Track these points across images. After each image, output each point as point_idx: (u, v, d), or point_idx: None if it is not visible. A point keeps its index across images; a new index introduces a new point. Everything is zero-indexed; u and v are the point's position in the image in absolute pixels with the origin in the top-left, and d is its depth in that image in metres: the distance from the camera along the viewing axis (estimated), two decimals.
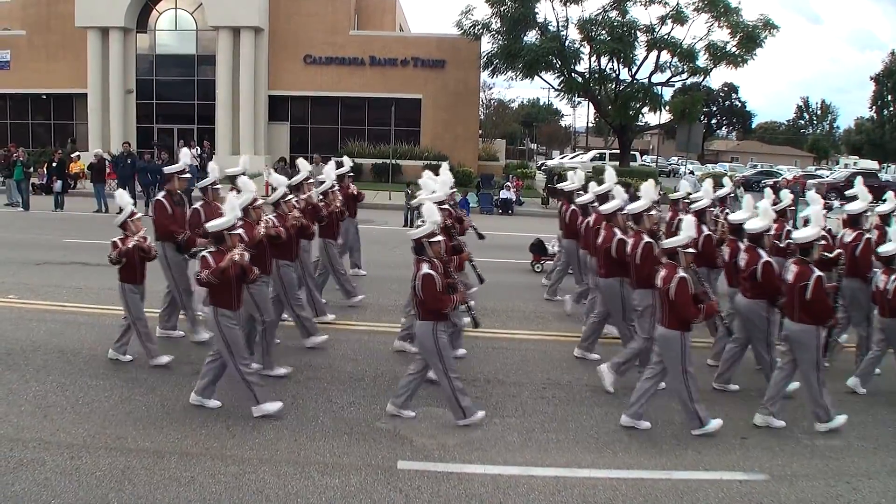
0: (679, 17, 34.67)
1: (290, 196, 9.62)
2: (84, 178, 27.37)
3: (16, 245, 16.04)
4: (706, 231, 9.84)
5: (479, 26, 35.27)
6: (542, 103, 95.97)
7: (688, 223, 7.27)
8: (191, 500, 5.70)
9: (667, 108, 38.72)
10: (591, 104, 43.31)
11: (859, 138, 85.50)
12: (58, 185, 23.40)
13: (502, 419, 7.51)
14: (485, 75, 39.40)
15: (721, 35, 34.86)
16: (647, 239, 8.22)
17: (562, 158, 59.07)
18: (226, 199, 8.52)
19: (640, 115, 39.01)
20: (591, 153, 53.16)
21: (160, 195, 9.77)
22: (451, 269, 7.50)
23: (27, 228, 18.98)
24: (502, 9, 34.56)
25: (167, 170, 10.11)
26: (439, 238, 7.38)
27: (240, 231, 7.36)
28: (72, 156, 27.11)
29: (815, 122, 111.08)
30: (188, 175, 10.19)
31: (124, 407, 7.37)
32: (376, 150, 35.09)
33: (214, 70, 36.17)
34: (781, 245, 9.52)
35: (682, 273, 6.96)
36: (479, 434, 7.11)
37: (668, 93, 40.19)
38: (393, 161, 31.46)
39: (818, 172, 55.91)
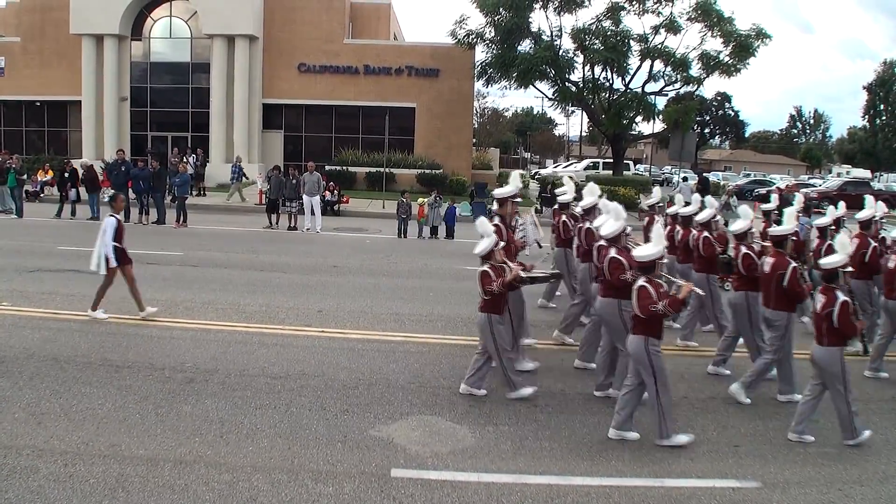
0: (672, 27, 34.87)
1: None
2: (53, 184, 27.33)
3: (9, 252, 16.00)
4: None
5: (474, 35, 35.37)
6: (535, 112, 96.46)
7: None
8: None
9: (660, 117, 38.89)
10: (584, 113, 43.43)
11: (852, 147, 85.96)
12: (72, 193, 23.32)
13: (496, 427, 7.52)
14: (479, 84, 39.55)
15: (714, 44, 35.13)
16: None
17: (555, 167, 59.20)
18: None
19: (634, 125, 39.16)
20: (585, 162, 53.38)
21: (496, 220, 9.26)
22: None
23: (21, 236, 18.94)
24: (496, 18, 34.69)
25: (497, 193, 9.75)
26: (850, 269, 7.55)
27: (667, 260, 7.39)
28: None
29: (807, 131, 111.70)
30: (520, 199, 9.87)
31: (118, 414, 7.36)
32: (370, 159, 35.17)
33: (209, 78, 36.22)
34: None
35: None
36: (472, 442, 7.13)
37: (661, 102, 40.39)
38: (387, 170, 31.51)
39: (811, 181, 56.20)
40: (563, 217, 11.79)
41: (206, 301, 12.17)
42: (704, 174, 36.22)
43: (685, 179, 41.25)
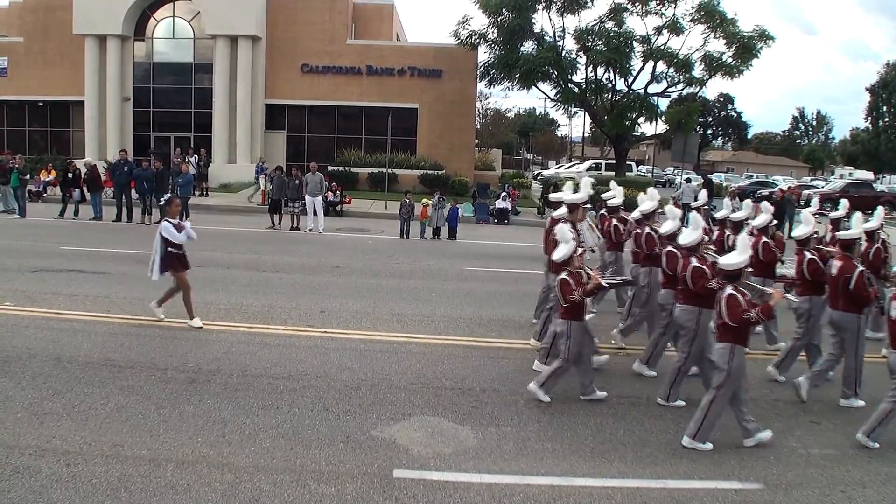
0: (675, 28, 34.80)
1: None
2: (56, 184, 27.44)
3: (12, 252, 16.02)
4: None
5: (476, 36, 35.35)
6: (538, 113, 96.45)
7: None
8: None
9: (663, 118, 38.78)
10: (587, 114, 43.38)
11: (854, 149, 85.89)
12: (76, 193, 23.39)
13: (498, 428, 7.52)
14: (481, 85, 39.50)
15: (717, 46, 35.06)
16: None
17: (558, 168, 59.19)
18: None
19: (636, 126, 39.10)
20: (587, 163, 53.33)
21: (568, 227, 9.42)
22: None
23: (24, 236, 18.96)
24: (499, 19, 34.66)
25: (569, 199, 9.81)
26: None
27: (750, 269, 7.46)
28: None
29: (810, 132, 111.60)
30: (590, 206, 10.02)
31: (120, 414, 7.36)
32: (372, 160, 35.19)
33: (211, 78, 36.20)
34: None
35: None
36: (474, 443, 7.12)
37: (664, 103, 40.34)
38: (389, 170, 31.52)
39: (814, 183, 56.14)
40: (614, 221, 11.84)
41: (209, 301, 12.17)
42: (708, 175, 36.18)
43: (688, 181, 41.22)
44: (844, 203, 12.62)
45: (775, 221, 11.19)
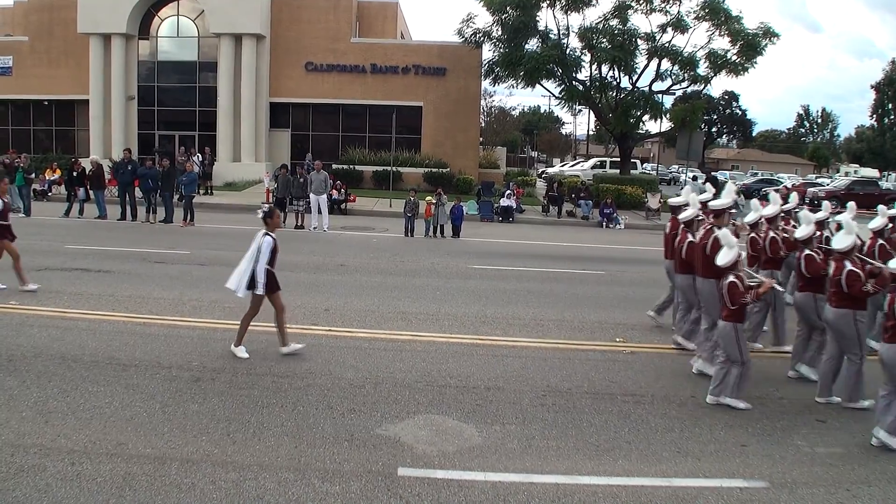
0: (680, 26, 34.76)
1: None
2: (61, 183, 27.56)
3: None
4: None
5: (481, 34, 35.35)
6: (542, 111, 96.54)
7: None
8: None
9: (667, 116, 38.71)
10: (591, 112, 43.32)
11: (860, 146, 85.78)
12: (80, 192, 23.47)
13: (503, 426, 7.51)
14: (486, 83, 39.54)
15: (721, 43, 35.04)
16: None
17: (562, 166, 59.15)
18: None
19: (641, 123, 39.04)
20: (592, 161, 53.26)
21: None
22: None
23: (28, 234, 18.95)
24: (503, 17, 34.64)
25: (714, 205, 9.90)
26: None
27: None
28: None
29: (815, 130, 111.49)
30: (734, 211, 10.19)
31: (125, 413, 7.36)
32: (377, 158, 35.25)
33: (216, 77, 36.31)
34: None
35: None
36: (479, 441, 7.11)
37: (668, 101, 40.25)
38: (394, 168, 31.53)
39: (818, 181, 56.04)
40: None
41: (214, 300, 12.17)
42: (712, 173, 36.13)
43: (694, 178, 41.13)
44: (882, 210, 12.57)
45: (891, 225, 11.11)
